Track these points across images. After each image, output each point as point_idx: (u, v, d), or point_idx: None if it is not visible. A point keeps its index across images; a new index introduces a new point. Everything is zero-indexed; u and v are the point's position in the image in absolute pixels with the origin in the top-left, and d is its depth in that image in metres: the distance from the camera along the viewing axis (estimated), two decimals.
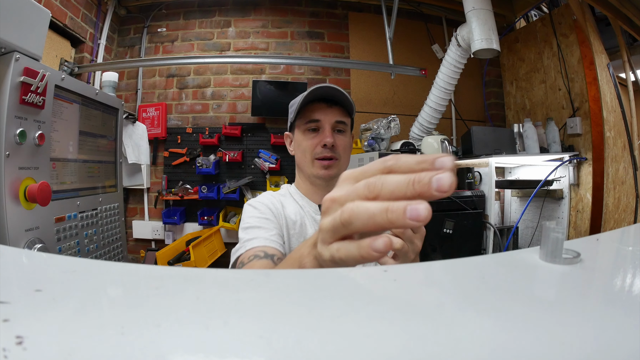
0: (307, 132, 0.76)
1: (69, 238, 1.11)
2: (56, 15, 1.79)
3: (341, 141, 0.75)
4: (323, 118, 0.74)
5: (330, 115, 0.74)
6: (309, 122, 0.75)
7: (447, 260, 0.29)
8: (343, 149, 0.76)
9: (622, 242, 0.38)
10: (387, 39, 2.11)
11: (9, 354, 0.13)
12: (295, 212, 0.75)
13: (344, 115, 0.76)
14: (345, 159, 0.78)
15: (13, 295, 0.19)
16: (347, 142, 0.78)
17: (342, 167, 0.77)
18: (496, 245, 1.78)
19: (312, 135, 0.75)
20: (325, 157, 0.74)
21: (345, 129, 0.77)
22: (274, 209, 0.73)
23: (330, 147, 0.73)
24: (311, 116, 0.75)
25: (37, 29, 0.98)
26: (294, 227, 0.73)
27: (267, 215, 0.71)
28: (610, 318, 0.19)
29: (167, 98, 2.40)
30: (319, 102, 0.75)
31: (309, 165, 0.76)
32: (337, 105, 0.75)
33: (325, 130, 0.74)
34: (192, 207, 2.33)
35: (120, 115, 1.49)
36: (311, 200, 0.79)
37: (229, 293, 0.22)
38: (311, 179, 0.78)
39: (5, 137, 0.87)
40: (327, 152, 0.73)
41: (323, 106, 0.74)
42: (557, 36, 2.09)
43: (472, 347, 0.16)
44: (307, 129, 0.76)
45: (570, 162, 1.94)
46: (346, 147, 0.77)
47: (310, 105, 0.75)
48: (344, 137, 0.77)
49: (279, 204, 0.75)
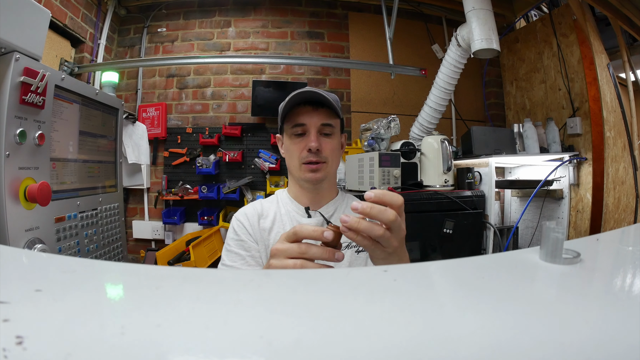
0: (294, 137, 0.76)
1: (69, 238, 1.11)
2: (56, 15, 1.79)
3: (328, 144, 0.75)
4: (308, 122, 0.74)
5: (316, 118, 0.74)
6: (294, 126, 0.75)
7: (447, 260, 0.29)
8: (330, 152, 0.76)
9: (622, 242, 0.38)
10: (387, 39, 2.11)
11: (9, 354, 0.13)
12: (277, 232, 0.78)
13: (330, 117, 0.76)
14: (333, 162, 0.77)
15: (13, 295, 0.19)
16: (335, 144, 0.77)
17: (330, 170, 0.77)
18: (496, 245, 1.78)
19: (299, 140, 0.75)
20: (311, 161, 0.74)
21: (332, 131, 0.77)
22: (249, 226, 0.77)
23: (315, 152, 0.73)
24: (297, 120, 0.75)
25: (37, 29, 0.98)
26: (269, 238, 0.77)
27: (243, 236, 0.76)
28: (610, 318, 0.19)
29: (167, 98, 2.40)
30: (304, 105, 0.75)
31: (296, 169, 0.77)
32: (324, 107, 0.75)
33: (310, 134, 0.74)
34: (192, 207, 2.33)
35: (120, 115, 1.49)
36: (299, 203, 0.81)
37: (229, 293, 0.22)
38: (300, 182, 0.79)
39: (5, 137, 0.87)
40: (312, 156, 0.74)
41: (309, 109, 0.74)
42: (557, 36, 2.09)
43: (472, 346, 0.16)
44: (294, 133, 0.76)
45: (570, 162, 1.94)
46: (334, 150, 0.77)
47: (296, 108, 0.75)
48: (331, 140, 0.76)
49: (256, 219, 0.78)
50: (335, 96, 0.77)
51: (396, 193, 0.45)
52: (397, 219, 0.43)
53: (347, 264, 0.73)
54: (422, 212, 1.61)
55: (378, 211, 0.43)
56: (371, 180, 1.66)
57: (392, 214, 0.43)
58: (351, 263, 0.74)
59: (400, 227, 0.45)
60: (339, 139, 0.80)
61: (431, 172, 1.77)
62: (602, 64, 1.87)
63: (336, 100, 0.77)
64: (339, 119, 0.79)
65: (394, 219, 0.43)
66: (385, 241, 0.44)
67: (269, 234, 0.77)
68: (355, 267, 0.73)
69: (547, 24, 2.16)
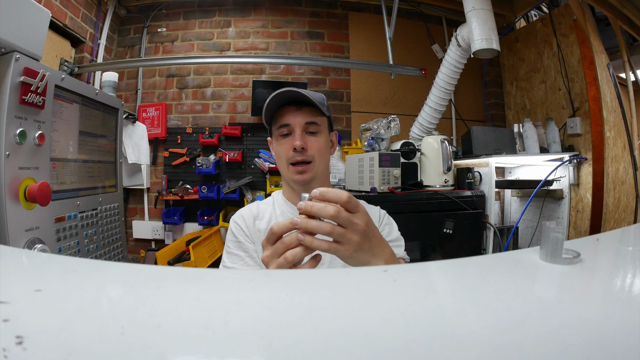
0: (280, 138, 0.76)
1: (69, 238, 1.11)
2: (56, 15, 1.79)
3: (314, 142, 0.75)
4: (292, 121, 0.74)
5: (300, 117, 0.74)
6: (280, 127, 0.76)
7: (447, 260, 0.29)
8: (317, 150, 0.75)
9: (622, 242, 0.38)
10: (387, 39, 2.11)
11: (9, 354, 0.13)
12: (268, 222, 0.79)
13: (314, 115, 0.75)
14: (320, 160, 0.77)
15: (13, 295, 0.19)
16: (322, 142, 0.77)
17: (318, 169, 0.76)
18: (496, 245, 1.78)
19: (285, 140, 0.76)
20: (297, 161, 0.74)
21: (318, 129, 0.76)
22: (245, 227, 0.79)
23: (300, 150, 0.73)
24: (281, 121, 0.75)
25: (37, 29, 0.98)
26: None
27: (240, 237, 0.78)
28: (610, 318, 0.19)
29: (167, 98, 2.40)
30: (288, 105, 0.75)
31: (285, 171, 0.77)
32: (307, 106, 0.75)
33: (295, 133, 0.74)
34: (192, 207, 2.33)
35: (120, 115, 1.49)
36: (293, 204, 0.82)
37: (229, 293, 0.22)
38: (290, 183, 0.79)
39: (5, 137, 0.87)
40: (298, 155, 0.73)
41: (292, 109, 0.75)
42: (557, 36, 2.09)
43: (472, 346, 0.16)
44: (280, 134, 0.76)
45: (570, 162, 1.94)
46: (320, 148, 0.76)
47: (280, 109, 0.76)
48: (317, 138, 0.76)
49: (251, 220, 0.80)
50: (320, 95, 0.77)
51: (342, 190, 0.45)
52: (339, 214, 0.43)
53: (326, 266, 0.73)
54: (422, 212, 1.61)
55: (318, 209, 0.43)
56: (371, 180, 1.66)
57: (331, 209, 0.43)
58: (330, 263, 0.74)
59: (351, 222, 0.44)
60: (326, 137, 0.79)
61: (431, 172, 1.77)
62: (602, 64, 1.87)
63: (321, 99, 0.76)
64: (325, 116, 0.78)
65: (334, 213, 0.43)
66: (340, 237, 0.43)
67: (264, 234, 0.78)
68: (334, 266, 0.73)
69: (547, 24, 2.16)
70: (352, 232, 0.44)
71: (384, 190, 1.62)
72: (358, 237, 0.44)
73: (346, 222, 0.44)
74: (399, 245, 0.79)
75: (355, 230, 0.44)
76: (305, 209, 0.43)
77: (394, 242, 0.78)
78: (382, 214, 0.85)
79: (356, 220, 0.44)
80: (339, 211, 0.43)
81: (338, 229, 0.43)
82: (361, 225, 0.45)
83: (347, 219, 0.44)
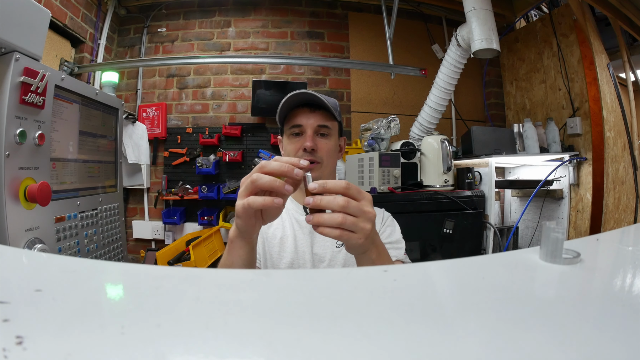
0: (291, 137, 0.78)
1: (69, 238, 1.11)
2: (56, 15, 1.79)
3: (324, 145, 0.77)
4: (305, 122, 0.76)
5: (313, 119, 0.76)
6: (292, 127, 0.78)
7: (447, 260, 0.29)
8: (326, 153, 0.77)
9: (622, 242, 0.38)
10: (387, 39, 2.11)
11: (9, 354, 0.13)
12: (276, 227, 0.79)
13: (327, 119, 0.77)
14: (328, 162, 0.78)
15: (13, 295, 0.19)
16: (331, 145, 0.79)
17: (325, 171, 0.78)
18: (496, 245, 1.78)
19: (296, 140, 0.77)
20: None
21: (328, 132, 0.78)
22: None
23: (310, 151, 0.74)
24: (294, 121, 0.77)
25: (37, 29, 0.98)
26: (273, 241, 0.78)
27: None
28: (610, 318, 0.19)
29: (167, 98, 2.40)
30: (302, 107, 0.77)
31: None
32: (321, 110, 0.77)
33: (307, 134, 0.76)
34: (192, 207, 2.33)
35: (120, 115, 1.48)
36: (297, 202, 0.83)
37: (229, 293, 0.22)
38: None
39: (5, 137, 0.87)
40: (307, 156, 0.75)
41: (306, 111, 0.77)
42: (557, 36, 2.09)
43: (472, 346, 0.16)
44: (291, 133, 0.78)
45: (570, 162, 1.94)
46: (330, 151, 0.78)
47: (294, 110, 0.78)
48: (327, 141, 0.78)
49: None
50: (334, 100, 0.79)
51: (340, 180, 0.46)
52: (349, 204, 0.44)
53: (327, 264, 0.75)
54: (422, 212, 1.61)
55: (327, 201, 0.44)
56: (371, 180, 1.66)
57: (341, 199, 0.43)
58: (331, 260, 0.75)
59: (362, 209, 0.45)
60: (336, 141, 0.82)
61: (431, 172, 1.77)
62: (602, 64, 1.88)
63: (335, 104, 0.78)
64: (336, 121, 0.80)
65: (344, 203, 0.43)
66: (353, 226, 0.44)
67: (267, 228, 0.79)
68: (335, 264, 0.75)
69: (547, 24, 2.16)
70: (364, 221, 0.45)
71: (384, 190, 1.62)
72: (370, 224, 0.45)
73: (357, 211, 0.44)
74: (399, 248, 0.79)
75: (368, 219, 0.45)
76: (315, 203, 0.44)
77: (395, 244, 0.78)
78: (385, 215, 0.85)
79: (366, 208, 0.45)
80: (348, 201, 0.44)
81: (350, 219, 0.44)
82: (372, 212, 0.46)
83: (358, 208, 0.44)
